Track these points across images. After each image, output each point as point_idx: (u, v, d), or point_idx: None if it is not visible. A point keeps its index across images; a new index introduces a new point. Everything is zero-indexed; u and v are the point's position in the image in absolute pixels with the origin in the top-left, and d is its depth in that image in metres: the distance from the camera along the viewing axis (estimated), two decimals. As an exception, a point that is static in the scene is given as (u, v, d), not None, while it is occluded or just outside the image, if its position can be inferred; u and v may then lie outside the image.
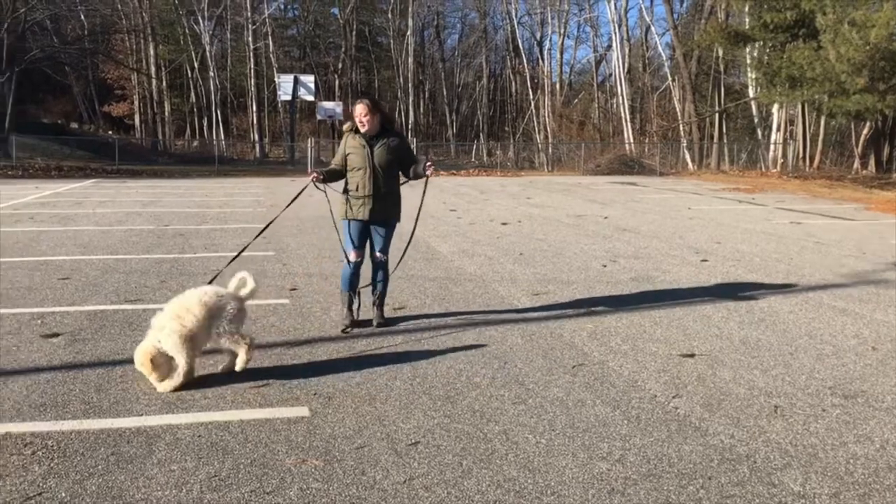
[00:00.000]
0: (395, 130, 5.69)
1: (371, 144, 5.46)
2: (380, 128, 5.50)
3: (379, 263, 5.69)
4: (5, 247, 9.27)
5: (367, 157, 5.44)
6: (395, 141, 5.55)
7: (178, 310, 4.30)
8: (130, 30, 48.63)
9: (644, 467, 3.34)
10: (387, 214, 5.59)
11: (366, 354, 5.00)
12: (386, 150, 5.47)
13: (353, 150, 5.49)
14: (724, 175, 29.78)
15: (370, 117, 5.41)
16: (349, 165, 5.52)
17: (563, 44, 51.53)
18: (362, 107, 5.41)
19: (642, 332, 5.59)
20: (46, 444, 3.51)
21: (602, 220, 13.04)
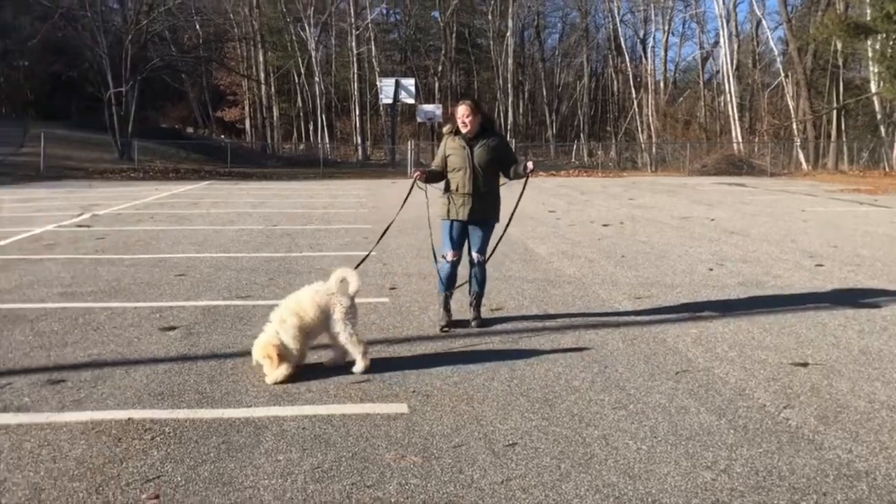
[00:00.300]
0: (495, 131, 5.71)
1: (471, 145, 5.50)
2: (480, 128, 5.53)
3: (476, 264, 5.72)
4: (128, 245, 9.87)
5: (468, 157, 5.48)
6: (495, 141, 5.58)
7: (296, 306, 4.50)
8: (241, 38, 50.84)
9: (752, 479, 3.21)
10: (486, 214, 5.61)
11: (463, 354, 5.03)
12: (486, 150, 5.50)
13: (453, 151, 5.54)
14: (843, 175, 28.21)
15: (472, 118, 5.47)
16: (449, 166, 5.58)
17: (667, 41, 50.28)
18: (465, 108, 5.48)
19: (750, 339, 5.38)
20: (164, 430, 3.72)
21: (708, 222, 12.61)
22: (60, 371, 4.61)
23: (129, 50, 32.88)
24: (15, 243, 9.93)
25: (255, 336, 5.03)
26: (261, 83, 51.53)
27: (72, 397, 4.16)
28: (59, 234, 10.99)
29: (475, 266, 5.73)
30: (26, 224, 12.07)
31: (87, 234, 11.01)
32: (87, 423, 3.79)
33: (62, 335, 5.41)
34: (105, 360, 4.83)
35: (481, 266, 5.74)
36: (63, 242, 10.04)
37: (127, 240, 10.34)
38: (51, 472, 3.25)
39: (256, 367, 4.51)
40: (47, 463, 3.34)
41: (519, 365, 4.78)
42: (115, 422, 3.80)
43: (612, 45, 53.57)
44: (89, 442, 3.56)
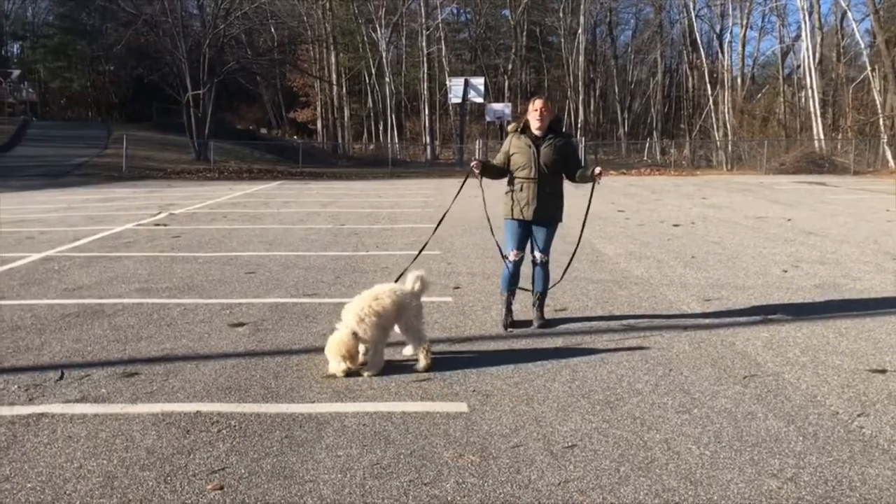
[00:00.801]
0: (562, 132, 5.67)
1: (537, 144, 5.47)
2: (547, 128, 5.50)
3: (540, 264, 5.68)
4: (202, 243, 10.20)
5: (533, 156, 5.45)
6: (561, 141, 5.53)
7: (376, 304, 4.57)
8: (314, 40, 51.86)
9: (820, 489, 3.09)
10: (550, 215, 5.57)
11: (525, 354, 5.01)
12: (552, 149, 5.46)
13: (518, 150, 5.52)
14: (932, 173, 26.82)
15: (547, 113, 5.45)
16: (514, 165, 5.55)
17: (745, 35, 48.60)
18: (541, 101, 5.47)
19: (825, 344, 5.18)
20: (230, 423, 3.83)
21: (785, 223, 12.19)
22: (135, 364, 4.80)
23: (206, 54, 33.97)
24: (96, 241, 10.38)
25: (323, 333, 5.15)
26: (332, 84, 52.45)
27: (144, 389, 4.32)
28: (137, 232, 11.44)
29: (538, 266, 5.70)
30: (108, 222, 12.61)
31: (163, 232, 11.43)
32: (158, 414, 3.94)
33: (137, 329, 5.63)
34: (177, 355, 5.01)
35: (544, 266, 5.70)
36: (141, 240, 10.45)
37: (201, 238, 10.69)
38: (123, 460, 3.39)
39: (323, 362, 4.61)
40: (120, 452, 3.48)
41: (581, 366, 4.73)
42: (185, 414, 3.94)
43: (687, 41, 52.29)
44: (159, 433, 3.69)
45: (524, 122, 5.57)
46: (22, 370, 4.68)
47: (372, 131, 54.94)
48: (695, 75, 52.46)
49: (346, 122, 53.50)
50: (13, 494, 3.07)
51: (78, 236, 10.80)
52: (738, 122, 42.19)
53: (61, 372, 4.64)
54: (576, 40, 50.35)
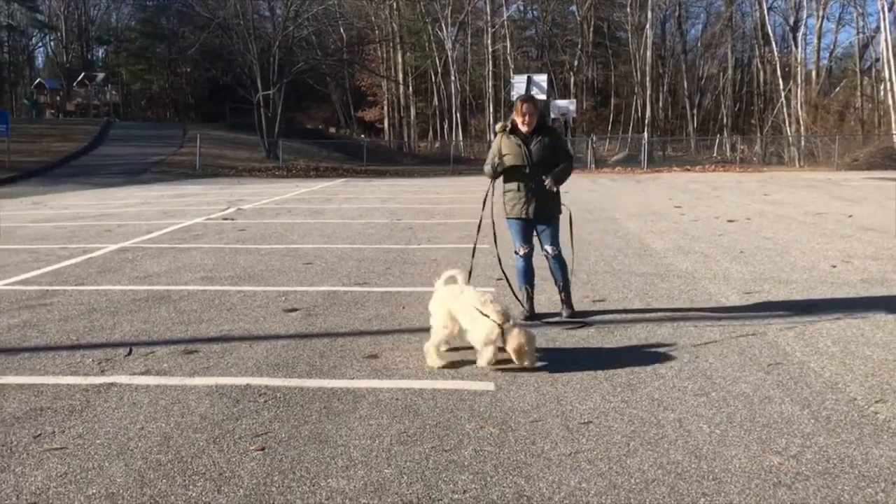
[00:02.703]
0: (549, 128, 5.79)
1: (527, 143, 5.59)
2: (535, 126, 5.61)
3: (553, 257, 5.79)
4: (266, 236, 10.72)
5: (525, 155, 5.57)
6: (549, 138, 5.64)
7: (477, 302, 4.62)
8: (381, 40, 52.70)
9: (820, 465, 3.24)
10: (549, 210, 5.72)
11: (556, 340, 5.23)
12: (541, 147, 5.58)
13: (510, 150, 5.61)
14: None
15: (533, 115, 5.56)
16: (507, 165, 5.63)
17: (820, 27, 47.05)
18: (529, 106, 5.57)
19: (859, 336, 5.23)
20: (276, 395, 4.19)
21: (844, 219, 11.98)
22: (195, 343, 5.24)
23: (276, 55, 35.04)
24: (168, 234, 11.03)
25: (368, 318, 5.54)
26: (399, 83, 53.21)
27: (202, 365, 4.74)
28: (206, 225, 12.07)
29: (551, 259, 5.81)
30: (180, 217, 13.32)
31: (230, 226, 12.03)
32: (213, 386, 4.33)
33: (199, 313, 6.09)
34: (233, 336, 5.42)
35: (558, 258, 5.79)
36: (209, 233, 11.05)
37: (265, 231, 11.22)
38: (179, 424, 3.78)
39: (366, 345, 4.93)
40: (177, 417, 3.88)
41: (609, 352, 4.93)
42: (236, 387, 4.33)
43: (759, 35, 50.91)
44: (212, 402, 4.09)
45: (512, 121, 5.68)
46: (96, 346, 5.18)
47: (437, 129, 55.44)
48: (767, 69, 51.04)
49: (411, 120, 54.16)
50: (84, 448, 3.49)
51: (151, 229, 11.49)
52: (811, 118, 40.95)
53: (129, 349, 5.11)
54: (643, 35, 49.65)
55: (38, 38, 66.71)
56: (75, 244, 9.88)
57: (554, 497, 3.01)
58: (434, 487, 3.09)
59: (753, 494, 3.00)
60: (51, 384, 4.38)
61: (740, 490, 3.04)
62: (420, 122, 56.63)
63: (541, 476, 3.18)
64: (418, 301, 6.44)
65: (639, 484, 3.11)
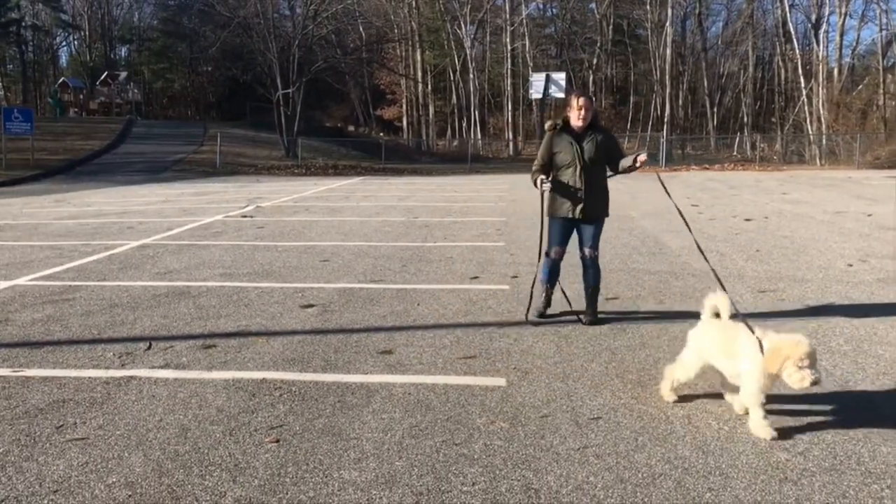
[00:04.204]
0: (601, 126, 5.68)
1: (579, 141, 5.49)
2: (589, 122, 5.53)
3: (590, 259, 5.66)
4: (284, 233, 10.84)
5: (577, 153, 5.46)
6: (602, 136, 5.53)
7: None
8: (400, 38, 52.80)
9: (827, 462, 3.27)
10: (598, 211, 5.58)
11: (569, 338, 5.27)
12: (594, 145, 5.46)
13: (561, 149, 5.51)
14: None
15: (589, 111, 5.45)
16: (558, 164, 5.55)
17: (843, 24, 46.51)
18: (585, 100, 5.48)
19: (872, 334, 5.22)
20: (291, 389, 4.28)
21: (864, 218, 11.89)
22: (213, 338, 5.34)
23: (296, 54, 35.24)
24: (188, 231, 11.18)
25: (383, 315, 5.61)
26: (418, 82, 53.26)
27: (220, 359, 4.84)
28: (226, 223, 12.22)
29: (588, 261, 5.66)
30: (200, 214, 13.49)
31: (249, 223, 12.17)
32: (230, 380, 4.43)
33: (218, 309, 6.20)
34: (250, 331, 5.52)
35: (595, 262, 5.67)
36: (229, 230, 11.18)
37: (283, 229, 11.34)
38: (196, 416, 3.88)
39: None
40: (194, 409, 3.97)
41: (620, 349, 4.97)
42: (252, 381, 4.42)
43: (781, 32, 50.44)
44: (229, 395, 4.18)
45: (563, 118, 5.59)
46: (116, 341, 5.29)
47: (456, 127, 55.46)
48: (788, 67, 50.54)
49: (430, 118, 54.20)
50: (105, 439, 3.59)
51: (171, 226, 11.65)
52: (832, 116, 40.51)
53: (149, 343, 5.22)
54: (663, 33, 49.35)
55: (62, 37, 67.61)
56: (98, 241, 10.05)
57: (561, 490, 3.06)
58: (444, 480, 3.16)
59: (759, 490, 3.04)
60: (73, 377, 4.50)
61: (746, 485, 3.08)
62: (438, 121, 56.65)
63: (549, 470, 3.24)
64: (433, 298, 6.51)
65: (646, 478, 3.15)
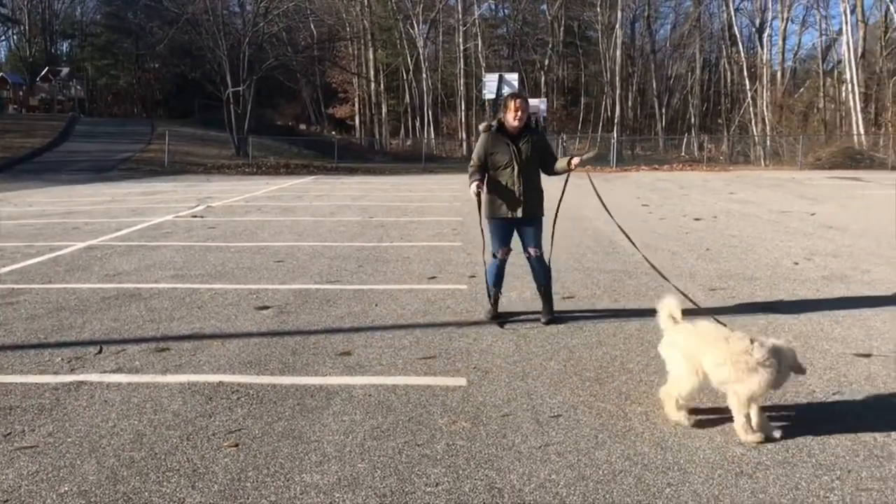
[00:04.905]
0: (534, 128, 5.77)
1: (515, 142, 5.54)
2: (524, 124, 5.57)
3: (536, 260, 5.72)
4: (236, 233, 10.68)
5: (514, 154, 5.52)
6: (537, 137, 5.63)
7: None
8: (353, 37, 52.50)
9: (780, 455, 3.35)
10: (536, 211, 5.66)
11: (526, 337, 5.31)
12: (530, 146, 5.54)
13: (498, 149, 5.55)
14: (974, 169, 26.31)
15: (525, 112, 5.51)
16: (494, 165, 5.57)
17: (785, 29, 47.90)
18: (521, 101, 5.54)
19: (818, 330, 5.38)
20: (249, 392, 4.21)
21: (808, 217, 12.25)
22: (166, 341, 5.23)
23: (246, 51, 34.74)
24: (137, 231, 10.93)
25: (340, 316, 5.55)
26: (370, 80, 53.04)
27: (174, 363, 4.74)
28: (176, 223, 11.98)
29: (535, 260, 5.73)
30: (149, 214, 13.19)
31: (200, 223, 11.95)
32: (185, 384, 4.34)
33: (170, 311, 6.07)
34: (205, 333, 5.42)
35: (541, 260, 5.73)
36: (179, 231, 10.97)
37: (235, 229, 11.17)
38: (152, 421, 3.79)
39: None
40: (149, 414, 3.88)
41: (578, 347, 5.03)
42: (208, 384, 4.34)
43: (727, 35, 51.66)
44: (185, 399, 4.09)
45: (499, 120, 5.63)
46: (65, 345, 5.14)
47: (409, 127, 55.37)
48: (734, 70, 51.77)
49: (383, 117, 54.03)
50: (55, 447, 3.49)
51: (120, 227, 11.37)
52: (776, 118, 41.67)
53: (100, 347, 5.09)
54: (613, 35, 50.07)
55: (0, 31, 65.35)
56: (42, 242, 9.75)
57: (524, 489, 3.08)
58: (407, 481, 3.15)
59: (717, 484, 3.10)
60: (19, 383, 4.36)
61: (704, 480, 3.14)
62: (391, 120, 56.49)
63: (511, 468, 3.25)
64: (391, 299, 6.49)
65: (606, 475, 3.19)
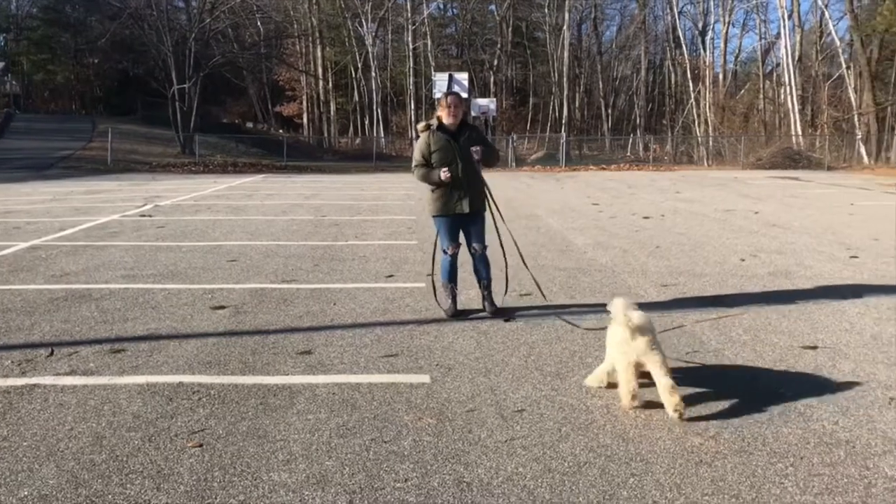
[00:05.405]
0: (470, 123, 5.89)
1: (455, 138, 5.64)
2: (461, 120, 5.69)
3: (481, 255, 5.87)
4: (186, 233, 10.49)
5: (456, 150, 5.62)
6: (475, 132, 5.77)
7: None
8: (301, 34, 51.95)
9: (737, 444, 3.47)
10: (480, 205, 5.80)
11: (487, 334, 5.36)
12: (470, 141, 5.66)
13: (439, 147, 5.64)
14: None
15: (460, 108, 5.64)
16: (437, 162, 5.65)
17: (727, 32, 49.17)
18: (454, 97, 5.66)
19: (767, 325, 5.57)
20: (210, 392, 4.16)
21: (752, 216, 12.63)
22: (121, 342, 5.12)
23: (192, 47, 34.09)
24: (83, 231, 10.65)
25: (299, 315, 5.52)
26: (318, 78, 52.59)
27: (130, 364, 4.65)
28: (123, 223, 11.71)
29: (479, 256, 5.87)
30: (94, 213, 12.86)
31: (149, 223, 11.70)
32: (144, 385, 4.27)
33: (123, 312, 5.94)
34: (161, 334, 5.33)
35: (484, 255, 5.89)
36: (127, 230, 10.72)
37: (185, 228, 10.98)
38: (111, 423, 3.72)
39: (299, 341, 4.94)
40: (108, 416, 3.81)
41: (538, 344, 5.10)
42: (168, 385, 4.27)
43: (671, 38, 52.79)
44: (144, 400, 4.03)
45: (437, 118, 5.72)
46: (14, 347, 5.00)
47: (358, 126, 55.09)
48: (678, 72, 52.93)
49: (331, 116, 53.64)
50: (11, 451, 3.39)
51: (64, 226, 11.06)
52: (718, 119, 42.78)
53: (51, 349, 4.96)
54: (561, 36, 50.70)
55: (-71, 24, 62.69)
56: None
57: (493, 482, 3.12)
58: (376, 477, 3.16)
59: (678, 473, 3.19)
60: (-31, 387, 4.22)
61: (666, 469, 3.23)
62: (340, 118, 56.13)
63: (479, 463, 3.30)
64: (349, 297, 6.48)
65: (572, 467, 3.26)
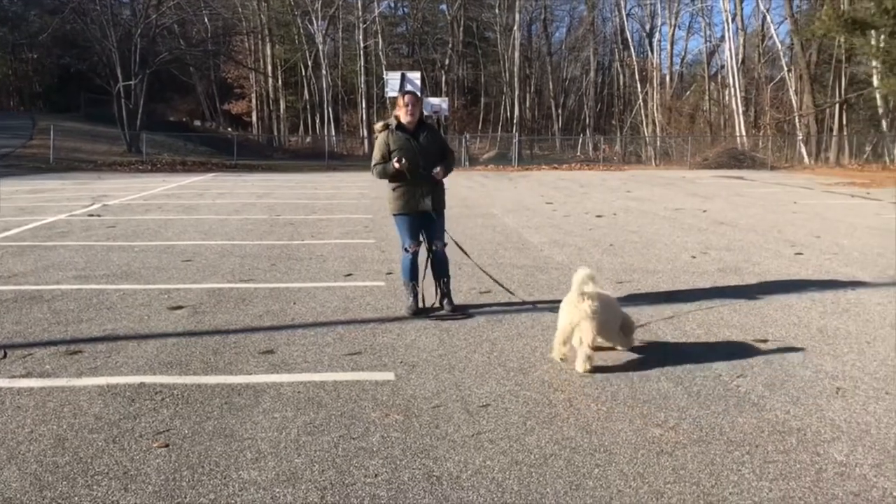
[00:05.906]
0: (428, 123, 5.98)
1: (415, 137, 5.72)
2: (419, 119, 5.77)
3: (442, 253, 5.94)
4: (138, 233, 10.29)
5: (416, 149, 5.70)
6: (433, 132, 5.87)
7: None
8: (249, 31, 51.22)
9: (695, 434, 3.59)
10: (440, 203, 5.90)
11: (450, 331, 5.42)
12: (428, 140, 5.76)
13: (399, 145, 5.70)
14: (842, 169, 28.48)
15: (417, 107, 5.71)
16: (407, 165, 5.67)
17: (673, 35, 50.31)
18: (411, 96, 5.73)
19: (719, 319, 5.75)
20: (173, 392, 4.12)
21: (700, 214, 12.96)
22: (77, 343, 5.02)
23: (137, 43, 33.32)
24: (28, 231, 10.36)
25: (259, 315, 5.49)
26: (268, 76, 51.94)
27: (88, 365, 4.57)
28: (71, 222, 11.42)
29: (438, 254, 5.92)
30: (38, 213, 12.51)
31: (98, 222, 11.44)
32: (104, 386, 4.20)
33: (78, 313, 5.83)
34: (118, 335, 5.24)
35: (443, 254, 5.95)
36: (75, 230, 10.47)
37: (136, 228, 10.77)
38: (72, 425, 3.66)
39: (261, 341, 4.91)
40: (69, 418, 3.74)
41: (500, 340, 5.18)
42: (129, 385, 4.21)
43: (619, 39, 53.69)
44: (106, 402, 3.97)
45: (395, 117, 5.78)
46: (-35, 350, 4.85)
47: (308, 124, 54.56)
48: (626, 73, 53.89)
49: (281, 114, 53.06)
50: (-31, 455, 3.31)
51: (8, 226, 10.74)
52: (666, 119, 43.69)
53: (3, 352, 4.84)
54: (511, 36, 51.08)
55: None
56: (-78, 243, 9.10)
57: (462, 475, 3.17)
58: (346, 473, 3.19)
59: (640, 463, 3.30)
60: (-80, 391, 4.10)
61: (629, 460, 3.33)
62: (291, 117, 55.51)
63: (447, 457, 3.35)
64: (309, 297, 6.46)
65: (538, 459, 3.33)
